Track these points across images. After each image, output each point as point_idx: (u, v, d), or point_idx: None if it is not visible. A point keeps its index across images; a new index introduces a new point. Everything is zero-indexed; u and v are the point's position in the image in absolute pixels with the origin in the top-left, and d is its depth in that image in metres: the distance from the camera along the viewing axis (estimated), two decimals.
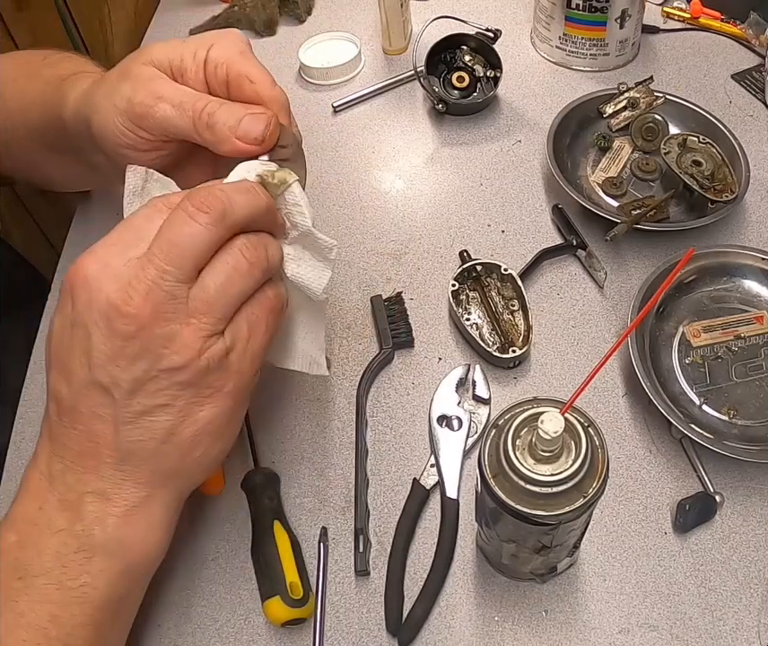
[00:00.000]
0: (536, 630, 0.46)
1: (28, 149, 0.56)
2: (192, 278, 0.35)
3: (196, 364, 0.35)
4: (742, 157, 0.66)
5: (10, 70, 0.56)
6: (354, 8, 0.96)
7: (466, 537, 0.50)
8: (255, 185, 0.39)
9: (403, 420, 0.56)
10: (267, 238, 0.39)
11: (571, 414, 0.37)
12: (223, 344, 0.37)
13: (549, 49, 0.85)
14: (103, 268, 0.35)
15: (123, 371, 0.35)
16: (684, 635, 0.45)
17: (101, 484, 0.37)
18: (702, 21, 0.87)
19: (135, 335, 0.34)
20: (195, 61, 0.43)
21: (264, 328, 0.39)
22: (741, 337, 0.57)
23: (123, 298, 0.34)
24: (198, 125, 0.42)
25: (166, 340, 0.35)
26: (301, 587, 0.46)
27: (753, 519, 0.49)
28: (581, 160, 0.73)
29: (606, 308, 0.61)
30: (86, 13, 1.04)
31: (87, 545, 0.36)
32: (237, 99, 0.43)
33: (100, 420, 0.36)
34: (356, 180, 0.74)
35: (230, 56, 0.43)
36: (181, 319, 0.35)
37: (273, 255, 0.39)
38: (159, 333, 0.34)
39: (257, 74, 0.43)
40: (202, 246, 0.35)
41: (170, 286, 0.34)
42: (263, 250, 0.38)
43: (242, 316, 0.38)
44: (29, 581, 0.35)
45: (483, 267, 0.62)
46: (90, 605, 0.36)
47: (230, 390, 0.38)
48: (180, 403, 0.36)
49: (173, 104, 0.42)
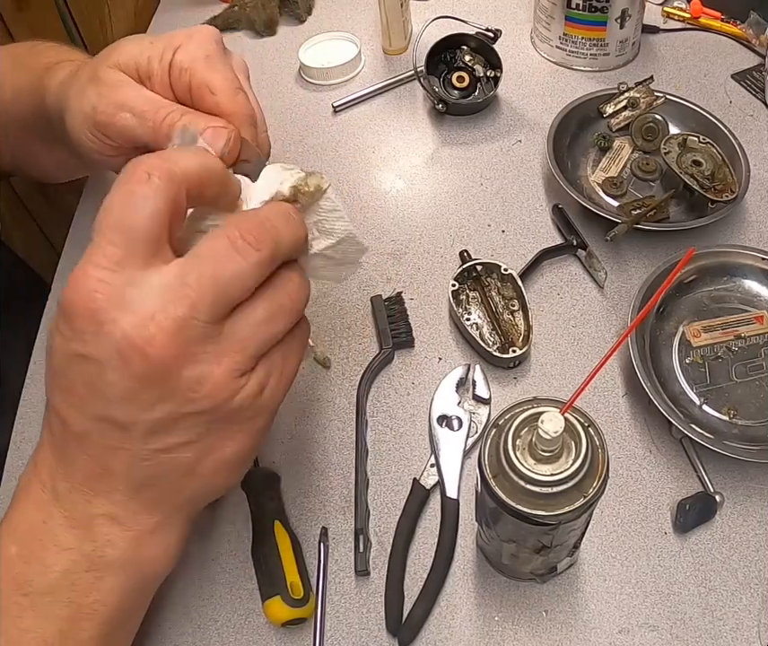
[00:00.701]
0: (536, 630, 0.46)
1: (21, 140, 0.56)
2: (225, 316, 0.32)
3: (228, 406, 0.33)
4: (742, 157, 0.66)
5: (2, 62, 0.55)
6: (354, 8, 0.96)
7: (467, 537, 0.50)
8: (292, 211, 0.36)
9: (403, 420, 0.56)
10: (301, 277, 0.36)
11: (572, 414, 0.37)
12: (257, 382, 0.34)
13: (549, 49, 0.85)
14: (109, 294, 0.30)
15: (143, 413, 0.32)
16: (684, 635, 0.45)
17: (113, 509, 0.34)
18: (702, 21, 0.87)
19: (157, 378, 0.31)
20: (160, 64, 0.41)
21: (296, 362, 0.37)
22: (741, 337, 0.57)
23: (144, 336, 0.30)
24: (158, 135, 0.40)
25: (194, 383, 0.31)
26: (301, 587, 0.46)
27: (753, 519, 0.49)
28: (581, 160, 0.73)
29: (606, 308, 0.61)
30: (86, 12, 1.04)
31: (99, 565, 0.35)
32: (200, 108, 0.41)
33: (114, 453, 0.33)
34: (356, 180, 0.74)
35: (194, 60, 0.41)
36: (212, 360, 0.31)
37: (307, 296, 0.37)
38: (186, 376, 0.31)
39: (219, 84, 0.40)
40: (247, 286, 0.32)
41: (203, 327, 0.31)
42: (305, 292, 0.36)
43: (278, 352, 0.35)
44: (35, 599, 0.34)
45: (483, 267, 0.62)
46: (98, 620, 0.35)
47: (261, 427, 0.36)
48: (205, 440, 0.34)
49: (134, 113, 0.40)
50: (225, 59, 0.43)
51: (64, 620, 0.34)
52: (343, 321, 0.62)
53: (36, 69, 0.52)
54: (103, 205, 0.32)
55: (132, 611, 0.38)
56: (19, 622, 0.34)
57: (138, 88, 0.42)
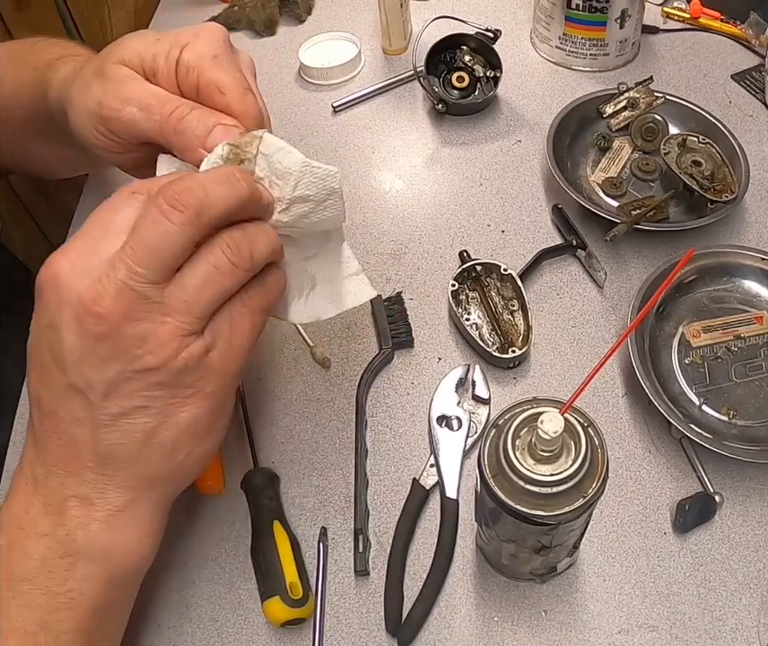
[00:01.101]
0: (536, 630, 0.46)
1: (22, 136, 0.56)
2: (167, 278, 0.34)
3: (172, 364, 0.34)
4: (742, 157, 0.66)
5: (2, 58, 0.55)
6: (354, 8, 0.96)
7: (466, 537, 0.50)
8: (234, 171, 0.37)
9: (403, 420, 0.56)
10: (254, 232, 0.37)
11: (571, 415, 0.37)
12: (203, 343, 0.35)
13: (549, 49, 0.85)
14: (73, 266, 0.34)
15: (96, 373, 0.34)
16: (683, 635, 0.45)
17: (84, 489, 0.36)
18: (701, 22, 0.87)
19: (106, 335, 0.33)
20: (167, 62, 0.41)
21: (248, 326, 0.37)
22: (741, 337, 0.57)
23: (93, 297, 0.33)
24: (165, 129, 0.40)
25: (139, 340, 0.34)
26: (300, 587, 0.46)
27: (752, 519, 0.49)
28: (581, 160, 0.73)
29: (605, 308, 0.61)
30: (86, 13, 1.04)
31: (71, 550, 0.36)
32: (207, 106, 0.41)
33: (79, 424, 0.35)
34: (356, 180, 0.74)
35: (201, 59, 0.41)
36: (156, 319, 0.34)
37: (260, 251, 0.37)
38: (131, 333, 0.33)
39: (228, 84, 0.40)
40: (176, 247, 0.34)
41: (141, 287, 0.33)
42: (247, 249, 0.36)
43: (224, 315, 0.36)
44: (16, 586, 0.35)
45: (482, 267, 0.62)
46: (77, 611, 0.36)
47: (211, 391, 0.36)
48: (159, 404, 0.35)
49: (140, 107, 0.40)
50: (233, 58, 0.42)
51: (43, 609, 0.35)
52: (342, 321, 0.62)
53: (38, 65, 0.51)
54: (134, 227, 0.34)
55: (111, 607, 0.38)
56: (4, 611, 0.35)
57: (144, 83, 0.42)
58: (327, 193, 0.39)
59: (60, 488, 0.36)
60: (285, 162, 0.38)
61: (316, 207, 0.39)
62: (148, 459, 0.36)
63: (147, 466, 0.37)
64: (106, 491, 0.36)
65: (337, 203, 0.40)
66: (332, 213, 0.40)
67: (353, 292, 0.45)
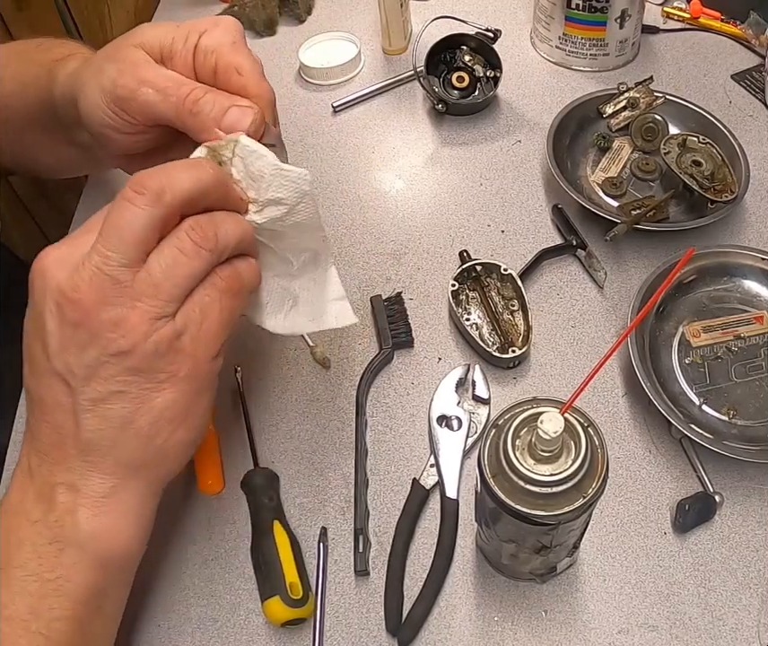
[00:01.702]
0: (536, 630, 0.46)
1: (24, 134, 0.56)
2: (138, 262, 0.35)
3: (143, 347, 0.35)
4: (742, 157, 0.66)
5: (5, 57, 0.56)
6: (354, 8, 0.96)
7: (466, 537, 0.50)
8: (202, 159, 0.38)
9: (403, 420, 0.56)
10: (221, 216, 0.38)
11: (571, 414, 0.37)
12: (173, 327, 0.36)
13: (549, 49, 0.85)
14: (57, 257, 0.35)
15: (75, 358, 0.35)
16: (683, 635, 0.45)
17: (70, 476, 0.37)
18: (702, 22, 0.87)
19: (82, 321, 0.34)
20: (185, 46, 0.42)
21: (218, 310, 0.38)
22: (741, 337, 0.57)
23: (70, 285, 0.34)
24: (182, 111, 0.41)
25: (112, 325, 0.34)
26: (300, 587, 0.46)
27: (752, 519, 0.49)
28: (581, 160, 0.73)
29: (605, 308, 0.61)
30: (86, 12, 1.04)
31: (59, 536, 0.36)
32: (225, 89, 0.42)
33: (62, 409, 0.36)
34: (356, 180, 0.74)
35: (221, 45, 0.42)
36: (127, 303, 0.35)
37: (226, 233, 0.37)
38: (105, 318, 0.34)
39: (247, 67, 0.42)
40: (141, 228, 0.34)
41: (112, 270, 0.34)
42: (211, 230, 0.37)
43: (194, 298, 0.37)
44: (9, 572, 0.36)
45: (482, 267, 0.62)
46: (67, 598, 0.36)
47: (185, 375, 0.37)
48: (134, 389, 0.36)
49: (157, 89, 0.41)
50: (248, 47, 0.44)
51: (34, 596, 0.36)
52: None
53: (44, 63, 0.52)
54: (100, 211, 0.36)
55: (102, 595, 0.39)
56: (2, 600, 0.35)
57: (159, 67, 0.42)
58: (299, 196, 0.40)
59: (49, 476, 0.37)
60: (258, 165, 0.39)
61: (289, 211, 0.40)
62: (127, 445, 0.37)
63: (127, 452, 0.37)
64: (90, 477, 0.37)
65: (309, 206, 0.41)
66: (305, 217, 0.41)
67: (335, 315, 0.46)
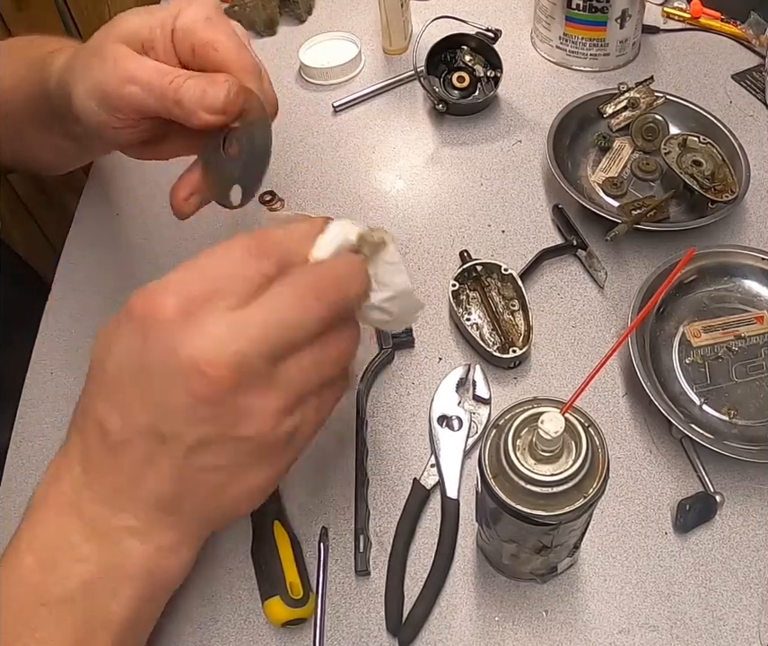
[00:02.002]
0: (537, 630, 0.46)
1: (23, 130, 0.56)
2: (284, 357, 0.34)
3: (265, 438, 0.34)
4: (742, 157, 0.66)
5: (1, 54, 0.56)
6: (354, 8, 0.96)
7: (467, 537, 0.50)
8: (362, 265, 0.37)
9: (403, 420, 0.56)
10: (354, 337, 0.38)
11: (572, 414, 0.37)
12: (292, 424, 0.35)
13: (549, 49, 0.85)
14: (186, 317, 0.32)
15: (189, 430, 0.33)
16: (684, 635, 0.45)
17: (135, 523, 0.35)
18: (702, 22, 0.87)
19: (211, 399, 0.32)
20: (163, 33, 0.42)
21: (327, 411, 0.38)
22: (741, 337, 0.57)
23: (208, 360, 0.31)
24: (166, 101, 0.41)
25: (245, 412, 0.33)
26: (301, 587, 0.46)
27: (753, 519, 0.49)
28: (582, 160, 0.73)
29: (606, 308, 0.61)
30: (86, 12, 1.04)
31: (116, 576, 0.35)
32: (204, 69, 0.42)
33: (151, 467, 0.34)
34: (356, 180, 0.74)
35: (194, 22, 0.41)
36: (263, 394, 0.33)
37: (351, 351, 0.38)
38: (239, 403, 0.32)
39: (222, 42, 0.41)
40: (308, 337, 0.34)
41: (258, 361, 0.32)
42: (354, 345, 0.37)
43: (313, 401, 0.36)
44: (53, 608, 0.34)
45: (483, 267, 0.62)
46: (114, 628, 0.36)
47: (285, 464, 0.37)
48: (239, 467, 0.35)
49: (141, 84, 0.41)
50: (226, 20, 0.43)
51: (79, 629, 0.35)
52: None
53: (36, 58, 0.52)
54: None
55: (145, 620, 0.39)
56: (35, 632, 0.34)
57: (143, 60, 0.42)
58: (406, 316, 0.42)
59: (109, 519, 0.35)
60: (390, 277, 0.39)
61: (391, 321, 0.41)
62: (208, 509, 0.36)
63: (205, 514, 0.37)
64: (158, 530, 0.36)
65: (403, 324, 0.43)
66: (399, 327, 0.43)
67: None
